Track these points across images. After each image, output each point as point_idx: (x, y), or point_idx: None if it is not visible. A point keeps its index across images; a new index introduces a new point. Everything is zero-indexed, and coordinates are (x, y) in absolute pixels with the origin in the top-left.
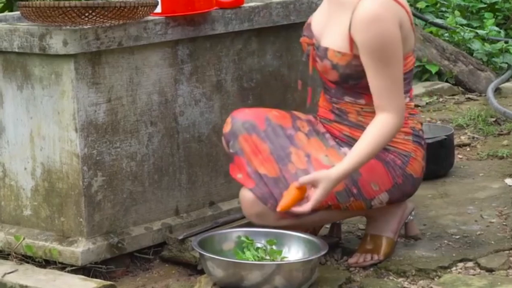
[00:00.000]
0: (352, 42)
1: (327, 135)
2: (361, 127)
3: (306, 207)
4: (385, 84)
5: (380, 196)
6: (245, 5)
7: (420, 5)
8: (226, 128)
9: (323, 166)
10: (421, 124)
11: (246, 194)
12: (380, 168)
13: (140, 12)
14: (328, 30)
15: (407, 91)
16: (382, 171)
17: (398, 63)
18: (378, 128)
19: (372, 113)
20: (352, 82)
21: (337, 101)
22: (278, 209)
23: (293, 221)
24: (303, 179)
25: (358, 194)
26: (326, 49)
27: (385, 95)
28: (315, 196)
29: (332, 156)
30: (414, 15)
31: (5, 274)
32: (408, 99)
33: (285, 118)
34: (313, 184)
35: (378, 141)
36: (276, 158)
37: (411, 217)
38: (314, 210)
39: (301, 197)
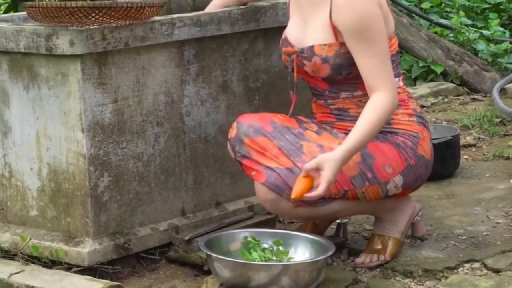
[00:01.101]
0: (335, 30)
1: (335, 130)
2: None
3: (318, 190)
4: (374, 63)
5: (395, 179)
6: (251, 5)
7: (425, 5)
8: (232, 133)
9: None
10: (420, 106)
11: (260, 187)
12: (392, 151)
13: (147, 13)
14: (308, 32)
15: (398, 74)
16: (394, 153)
17: (384, 41)
18: (373, 106)
19: None
20: (345, 72)
21: (333, 102)
22: (292, 197)
23: (309, 211)
24: (308, 165)
25: (373, 178)
26: (312, 46)
27: (376, 74)
28: (323, 178)
29: None
30: (419, 15)
31: (11, 274)
32: (401, 82)
33: (291, 121)
34: (318, 167)
35: (376, 118)
36: (286, 152)
37: (418, 218)
38: (330, 200)
39: (311, 185)
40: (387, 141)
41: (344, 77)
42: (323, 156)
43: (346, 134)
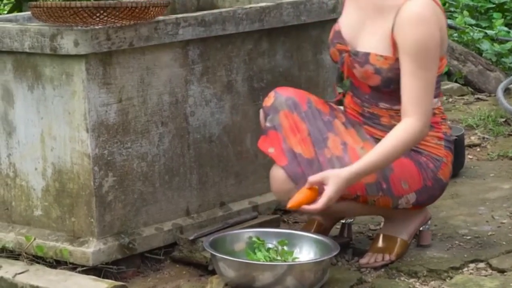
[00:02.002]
0: (394, 44)
1: (363, 130)
2: None
3: (317, 205)
4: (417, 88)
5: (408, 196)
6: (255, 5)
7: None
8: (268, 102)
9: (358, 157)
10: (450, 128)
11: (278, 172)
12: (412, 168)
13: (152, 13)
14: (365, 35)
15: (437, 95)
16: (414, 171)
17: (435, 67)
18: (400, 133)
19: None
20: (393, 86)
21: (369, 106)
22: (288, 205)
23: None
24: (313, 178)
25: (387, 190)
26: (368, 54)
27: (414, 100)
28: (326, 192)
29: (368, 149)
30: None
31: (16, 274)
32: (439, 103)
33: (323, 104)
34: (323, 182)
35: (397, 146)
36: (313, 140)
37: (427, 226)
38: (341, 199)
39: (313, 197)
40: (410, 157)
41: (391, 90)
42: (330, 172)
43: (371, 137)
